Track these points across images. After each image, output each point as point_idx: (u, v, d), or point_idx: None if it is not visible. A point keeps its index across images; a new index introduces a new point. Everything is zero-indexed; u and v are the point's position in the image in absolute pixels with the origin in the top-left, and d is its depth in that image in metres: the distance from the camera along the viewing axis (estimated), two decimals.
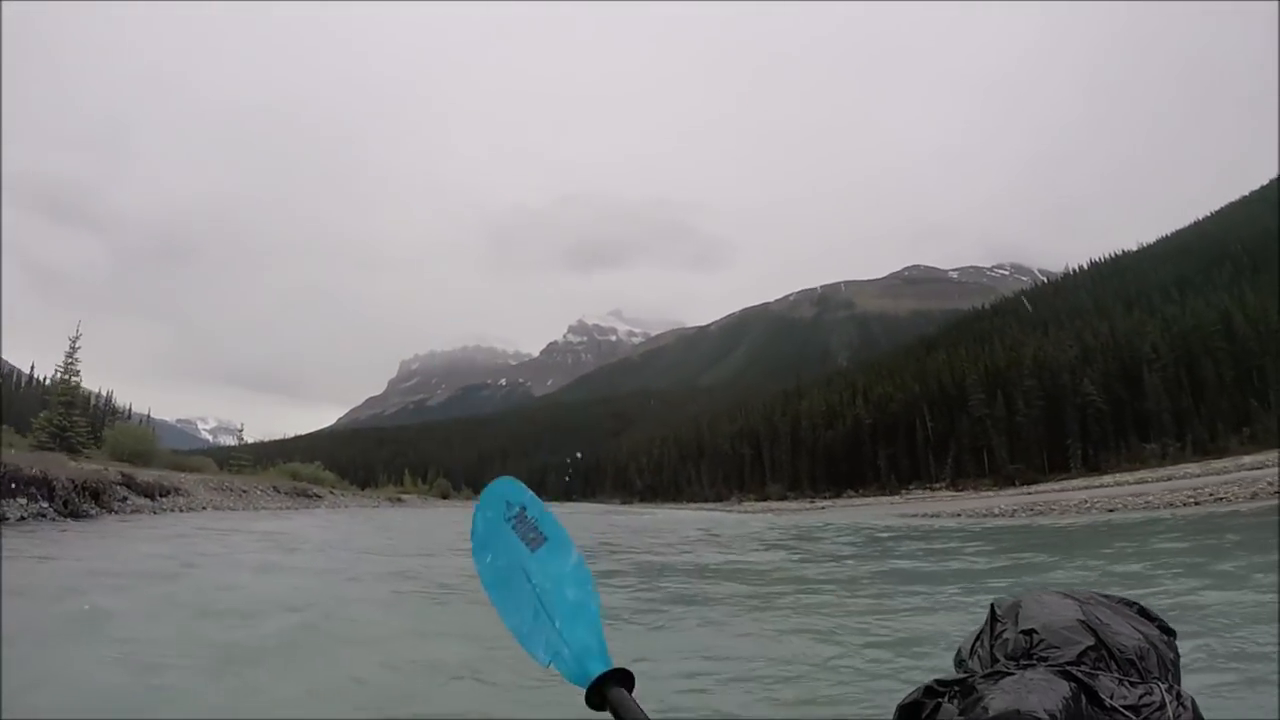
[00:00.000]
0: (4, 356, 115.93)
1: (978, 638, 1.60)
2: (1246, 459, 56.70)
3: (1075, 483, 67.36)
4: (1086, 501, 40.88)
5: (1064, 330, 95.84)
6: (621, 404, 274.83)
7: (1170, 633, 1.55)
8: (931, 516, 42.96)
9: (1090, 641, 1.43)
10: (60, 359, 51.51)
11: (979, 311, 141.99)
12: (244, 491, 46.35)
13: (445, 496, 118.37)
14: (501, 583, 1.57)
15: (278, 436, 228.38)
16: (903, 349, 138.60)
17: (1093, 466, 77.18)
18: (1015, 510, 40.35)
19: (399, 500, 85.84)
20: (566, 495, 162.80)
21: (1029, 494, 60.32)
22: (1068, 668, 1.37)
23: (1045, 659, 1.42)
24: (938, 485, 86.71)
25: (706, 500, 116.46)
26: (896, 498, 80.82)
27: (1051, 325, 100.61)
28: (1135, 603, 1.60)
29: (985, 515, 39.79)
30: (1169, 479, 53.04)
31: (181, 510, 34.53)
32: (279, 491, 51.98)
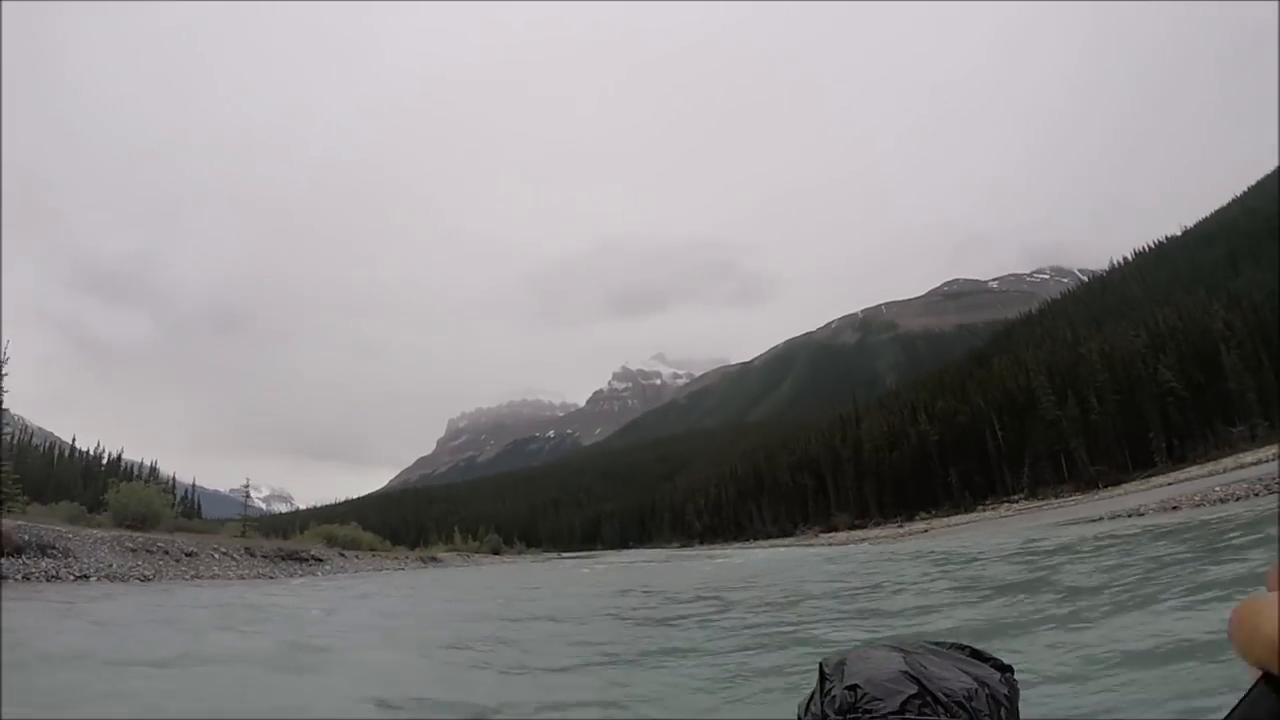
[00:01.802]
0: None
1: (811, 696, 1.66)
2: None
3: (1162, 478, 63.89)
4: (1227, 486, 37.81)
5: (1123, 321, 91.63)
6: (671, 446, 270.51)
7: (1005, 669, 1.61)
8: (1068, 524, 39.22)
9: (913, 690, 1.48)
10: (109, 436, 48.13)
11: (1026, 317, 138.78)
12: (189, 554, 38.54)
13: (497, 552, 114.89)
14: None
15: (329, 501, 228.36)
16: (952, 364, 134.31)
17: (1178, 458, 72.02)
18: (1159, 506, 37.49)
19: (432, 560, 77.31)
20: (622, 543, 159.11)
21: (1145, 489, 57.37)
22: (890, 717, 1.44)
23: (870, 711, 1.47)
24: (1015, 497, 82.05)
25: (770, 536, 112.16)
26: (990, 512, 77.02)
27: (1106, 320, 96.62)
28: (967, 646, 1.65)
29: (1131, 515, 36.45)
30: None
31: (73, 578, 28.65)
32: (253, 555, 44.62)
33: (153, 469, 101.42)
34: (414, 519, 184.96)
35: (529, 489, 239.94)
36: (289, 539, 67.03)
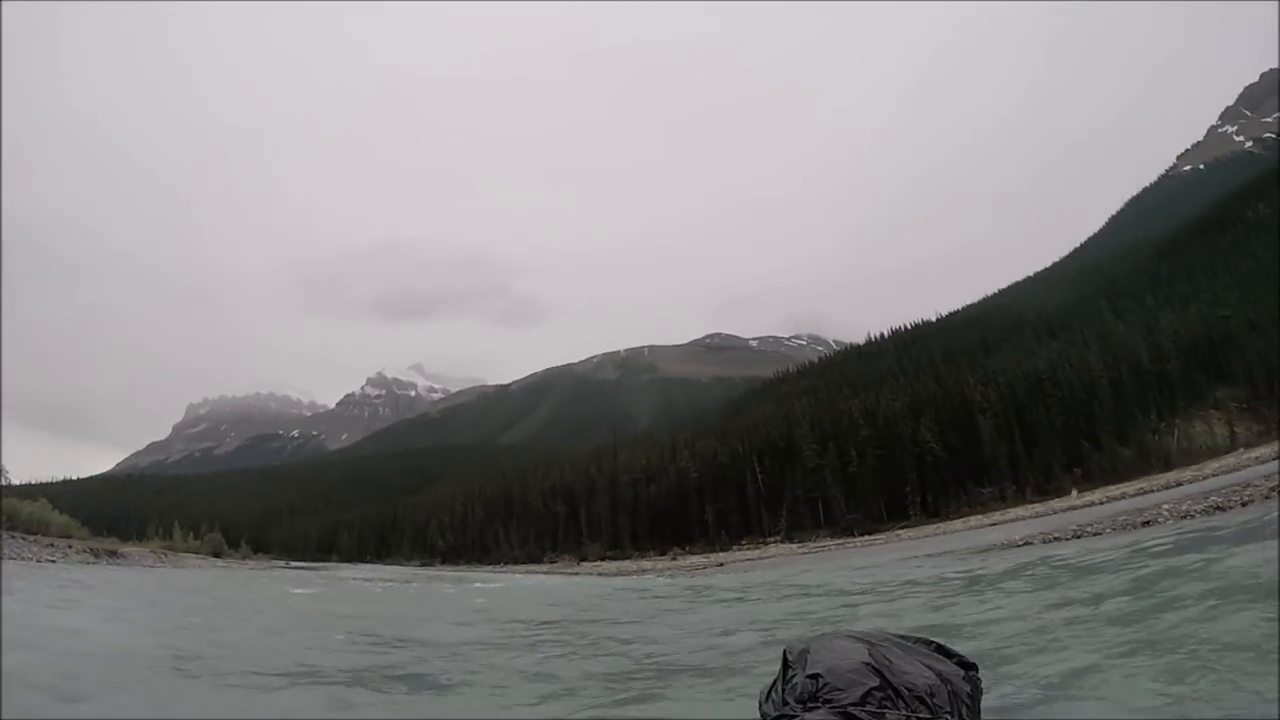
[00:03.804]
0: None
1: (773, 683, 1.66)
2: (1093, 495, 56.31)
3: (927, 528, 67.84)
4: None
5: (884, 386, 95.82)
6: (420, 460, 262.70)
7: (970, 667, 1.65)
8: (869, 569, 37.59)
9: (875, 682, 1.49)
10: None
11: (784, 375, 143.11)
12: None
13: (217, 554, 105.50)
14: None
15: (46, 479, 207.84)
16: (709, 411, 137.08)
17: (932, 512, 76.85)
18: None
19: (109, 555, 63.88)
20: (360, 556, 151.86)
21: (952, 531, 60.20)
22: (851, 709, 1.45)
23: (830, 701, 1.48)
24: (771, 539, 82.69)
25: (518, 561, 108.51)
26: (781, 547, 77.33)
27: (862, 388, 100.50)
28: (933, 641, 1.69)
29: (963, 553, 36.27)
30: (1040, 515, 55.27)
31: None
32: None
33: None
34: (138, 509, 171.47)
35: (266, 489, 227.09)
36: None
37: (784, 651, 1.74)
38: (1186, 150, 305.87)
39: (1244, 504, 31.20)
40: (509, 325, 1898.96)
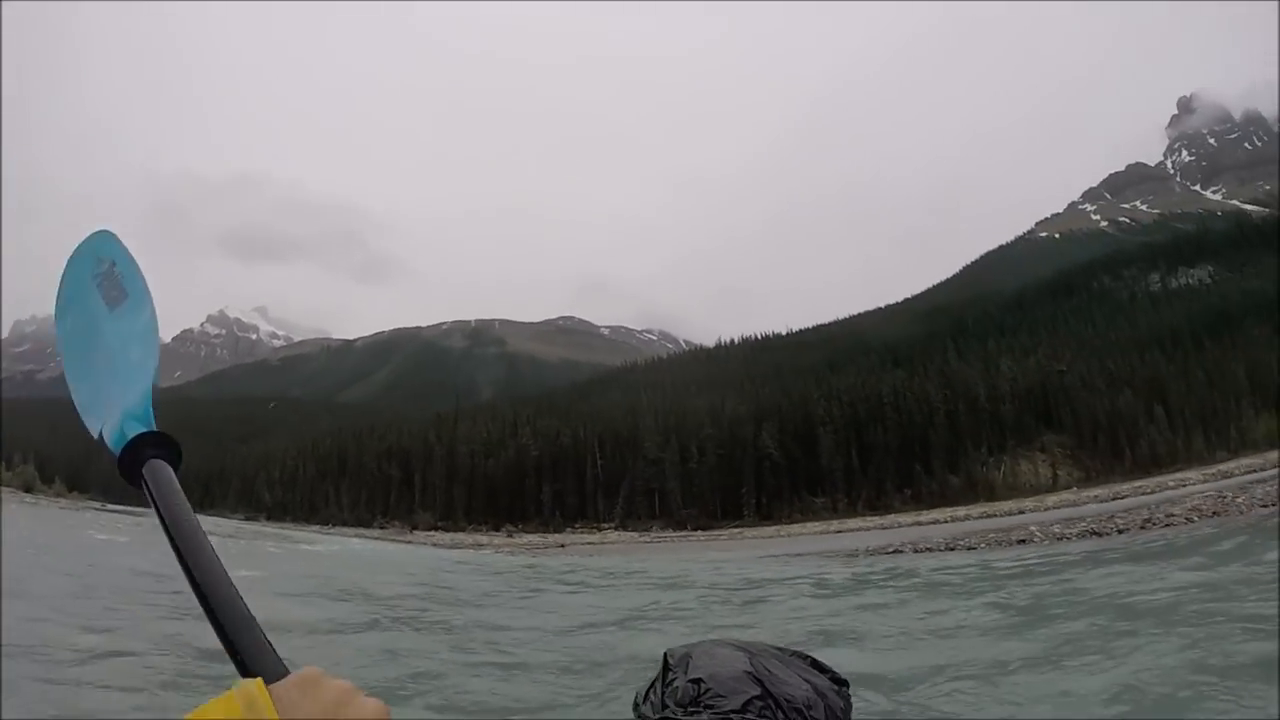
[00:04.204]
0: None
1: (651, 685, 1.66)
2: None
3: (768, 529, 69.00)
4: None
5: (730, 391, 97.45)
6: (254, 408, 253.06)
7: (842, 683, 1.65)
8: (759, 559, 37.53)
9: (756, 691, 1.50)
10: None
11: (632, 366, 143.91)
12: None
13: (29, 489, 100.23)
14: (76, 345, 1.35)
15: None
16: (555, 391, 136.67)
17: (765, 515, 79.21)
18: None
19: None
20: None
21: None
22: (732, 715, 1.46)
23: (711, 707, 1.48)
24: (606, 525, 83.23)
25: (346, 524, 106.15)
26: (620, 534, 77.21)
27: (708, 388, 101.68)
28: (808, 655, 1.69)
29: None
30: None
31: None
32: None
33: None
34: None
35: None
36: None
37: (665, 654, 1.73)
38: (1045, 219, 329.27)
39: (1120, 531, 32.46)
40: (362, 280, 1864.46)
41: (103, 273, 1.36)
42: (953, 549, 33.96)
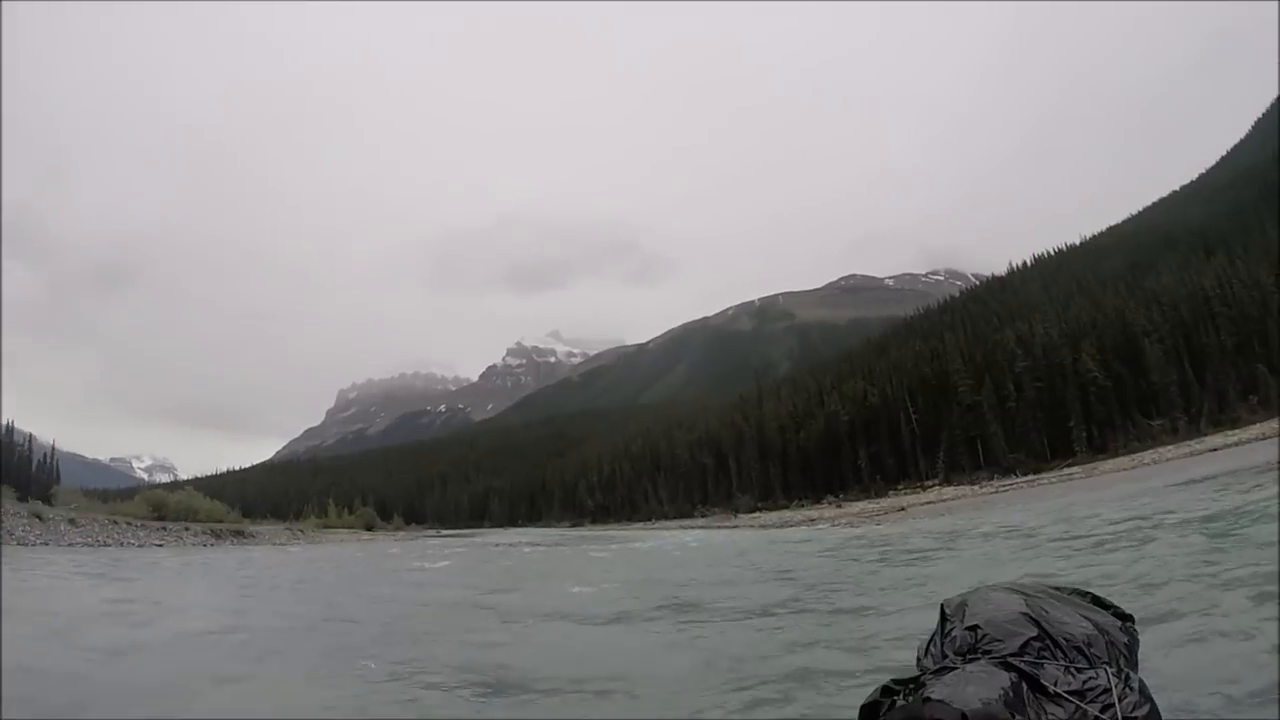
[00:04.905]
0: None
1: (932, 637, 1.72)
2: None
3: (1122, 461, 61.63)
4: None
5: (1035, 315, 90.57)
6: (564, 424, 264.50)
7: (1126, 618, 1.68)
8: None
9: (1033, 633, 1.54)
10: None
11: (926, 312, 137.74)
12: None
13: (370, 528, 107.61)
14: None
15: (211, 472, 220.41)
16: (850, 353, 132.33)
17: (1098, 448, 71.34)
18: None
19: (236, 535, 60.47)
20: (511, 520, 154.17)
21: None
22: (1010, 659, 1.50)
23: (989, 652, 1.54)
24: (930, 483, 79.30)
25: (667, 517, 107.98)
26: (960, 489, 71.17)
27: (1008, 319, 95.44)
28: (1089, 592, 1.74)
29: None
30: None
31: None
32: None
33: (29, 438, 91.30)
34: (297, 491, 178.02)
35: (416, 463, 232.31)
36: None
37: (942, 605, 1.77)
38: None
39: None
40: (641, 284, 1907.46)
41: None
42: None
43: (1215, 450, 50.57)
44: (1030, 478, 66.89)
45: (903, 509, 59.75)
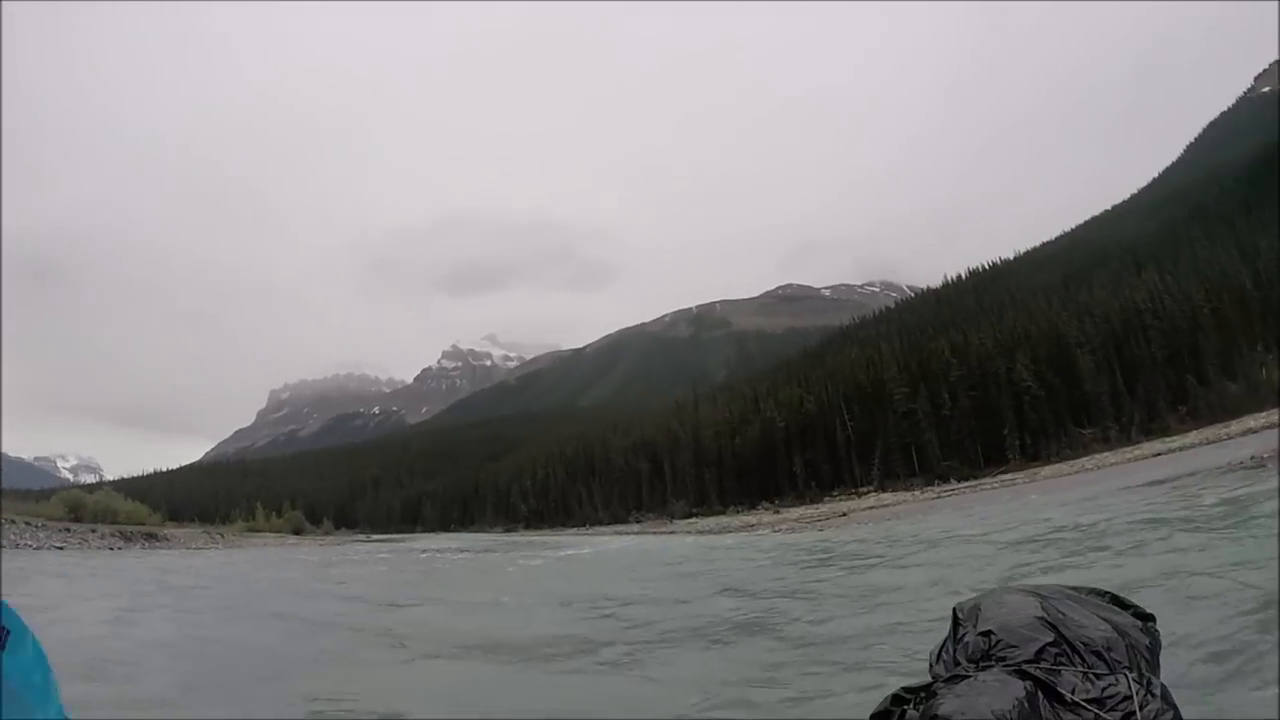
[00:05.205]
0: None
1: (944, 642, 1.63)
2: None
3: (1057, 467, 62.44)
4: None
5: (969, 325, 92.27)
6: (499, 427, 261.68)
7: (1147, 618, 1.60)
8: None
9: (1050, 638, 1.46)
10: None
11: (861, 321, 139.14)
12: None
13: (299, 531, 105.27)
14: None
15: (138, 473, 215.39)
16: (786, 362, 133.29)
17: (1031, 456, 72.48)
18: None
19: (148, 539, 57.06)
20: (444, 525, 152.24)
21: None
22: (1025, 666, 1.42)
23: (1003, 659, 1.45)
24: (865, 489, 79.37)
25: (602, 522, 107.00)
26: (902, 494, 71.12)
27: (942, 330, 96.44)
28: (1107, 592, 1.65)
29: None
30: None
31: None
32: None
33: None
34: (225, 494, 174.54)
35: (349, 466, 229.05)
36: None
37: (954, 609, 1.70)
38: (1263, 71, 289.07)
39: None
40: (578, 289, 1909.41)
41: None
42: None
43: (1159, 455, 51.67)
44: (971, 483, 67.23)
45: (844, 514, 59.38)
